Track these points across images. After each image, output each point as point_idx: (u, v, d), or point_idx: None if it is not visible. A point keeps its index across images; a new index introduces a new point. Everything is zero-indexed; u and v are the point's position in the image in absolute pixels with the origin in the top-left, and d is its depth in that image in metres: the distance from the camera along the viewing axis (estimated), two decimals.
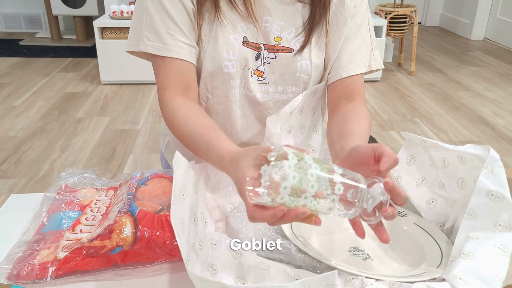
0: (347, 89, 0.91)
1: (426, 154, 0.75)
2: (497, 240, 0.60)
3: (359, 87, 0.92)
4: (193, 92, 0.87)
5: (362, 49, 0.92)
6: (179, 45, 0.84)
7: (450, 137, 2.69)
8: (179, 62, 0.85)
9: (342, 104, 0.90)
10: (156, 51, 0.84)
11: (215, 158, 0.68)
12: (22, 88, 3.33)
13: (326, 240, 0.71)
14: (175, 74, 0.85)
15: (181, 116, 0.81)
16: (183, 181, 0.63)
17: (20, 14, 4.91)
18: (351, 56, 0.91)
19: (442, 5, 5.61)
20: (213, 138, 0.72)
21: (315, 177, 0.53)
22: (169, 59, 0.85)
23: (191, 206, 0.65)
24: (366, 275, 0.58)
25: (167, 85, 0.85)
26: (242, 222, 0.70)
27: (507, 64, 4.08)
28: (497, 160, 0.63)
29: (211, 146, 0.71)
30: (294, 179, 0.52)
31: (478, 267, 0.57)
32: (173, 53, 0.84)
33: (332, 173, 0.55)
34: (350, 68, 0.91)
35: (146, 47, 0.85)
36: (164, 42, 0.84)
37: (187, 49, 0.85)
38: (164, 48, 0.84)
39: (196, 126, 0.78)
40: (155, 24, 0.84)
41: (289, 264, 0.64)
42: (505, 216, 0.61)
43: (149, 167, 2.27)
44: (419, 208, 0.76)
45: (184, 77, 0.86)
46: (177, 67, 0.85)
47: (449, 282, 0.57)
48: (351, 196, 0.56)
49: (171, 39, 0.84)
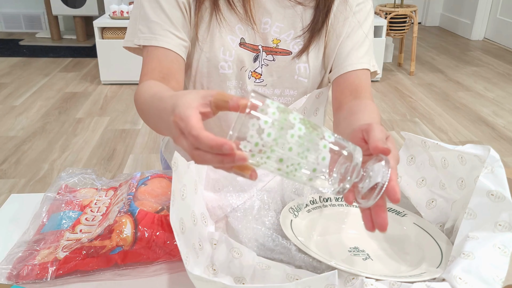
0: (353, 85, 0.88)
1: (426, 154, 0.75)
2: (497, 240, 0.60)
3: (365, 83, 0.89)
4: (174, 83, 0.83)
5: (363, 45, 0.90)
6: (167, 35, 0.83)
7: (450, 137, 2.69)
8: (162, 50, 0.83)
9: (347, 101, 0.87)
10: (146, 42, 0.84)
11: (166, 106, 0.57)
12: (22, 88, 3.33)
13: (326, 240, 0.71)
14: (156, 62, 0.83)
15: (144, 88, 0.77)
16: (182, 181, 0.63)
17: (20, 14, 4.91)
18: (352, 51, 0.89)
19: (442, 5, 5.60)
20: (165, 92, 0.65)
21: (295, 138, 0.47)
22: (154, 47, 0.83)
23: (190, 206, 0.65)
24: (366, 275, 0.58)
25: (145, 73, 0.83)
26: (242, 222, 0.70)
27: (507, 64, 4.08)
28: (497, 160, 0.63)
29: (161, 98, 0.63)
30: (269, 136, 0.46)
31: (478, 267, 0.57)
32: (160, 42, 0.83)
33: (321, 139, 0.50)
34: (352, 62, 0.88)
35: (138, 39, 0.85)
36: (153, 32, 0.83)
37: (175, 40, 0.84)
38: (153, 38, 0.83)
39: (156, 92, 0.71)
40: (147, 17, 0.84)
41: (289, 264, 0.64)
42: (505, 216, 0.61)
43: (149, 167, 2.27)
44: (419, 208, 0.76)
45: (164, 66, 0.83)
46: (159, 56, 0.83)
47: (449, 282, 0.57)
48: (338, 169, 0.50)
49: (161, 29, 0.83)
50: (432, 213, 0.75)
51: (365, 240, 0.72)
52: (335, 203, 0.77)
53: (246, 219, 0.70)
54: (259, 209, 0.73)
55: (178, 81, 0.85)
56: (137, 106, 0.79)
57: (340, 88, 0.89)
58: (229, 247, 0.63)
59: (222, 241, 0.64)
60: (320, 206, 0.76)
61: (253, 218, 0.71)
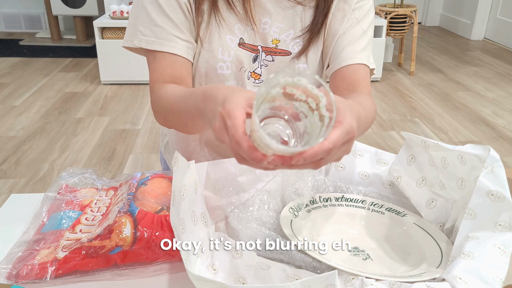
0: (349, 79, 0.86)
1: (426, 154, 0.75)
2: (497, 240, 0.60)
3: (363, 78, 0.87)
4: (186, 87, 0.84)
5: (360, 41, 0.89)
6: (173, 39, 0.83)
7: (450, 137, 2.69)
8: (171, 56, 0.83)
9: (343, 95, 0.84)
10: (150, 46, 0.83)
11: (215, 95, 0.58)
12: (22, 88, 3.33)
13: (326, 239, 0.71)
14: (165, 68, 0.83)
15: (168, 91, 0.78)
16: (182, 181, 0.63)
17: (20, 14, 4.91)
18: (348, 45, 0.87)
19: (442, 5, 5.61)
20: (208, 87, 0.64)
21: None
22: (161, 53, 0.83)
23: (190, 206, 0.64)
24: (366, 275, 0.58)
25: (156, 79, 0.84)
26: (242, 222, 0.69)
27: (507, 64, 4.08)
28: (497, 160, 0.63)
29: (203, 91, 0.63)
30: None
31: (478, 267, 0.57)
32: (166, 47, 0.83)
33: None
34: (348, 57, 0.87)
35: (140, 42, 0.84)
36: (158, 37, 0.83)
37: (181, 43, 0.84)
38: (158, 42, 0.83)
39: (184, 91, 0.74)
40: (149, 19, 0.83)
41: (289, 264, 0.64)
42: (505, 216, 0.61)
43: (149, 167, 2.27)
44: (419, 208, 0.76)
45: (176, 71, 0.84)
46: (169, 62, 0.83)
47: (449, 282, 0.57)
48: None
49: (165, 33, 0.83)
50: (432, 213, 0.75)
51: (365, 240, 0.72)
52: (335, 203, 0.77)
53: (246, 219, 0.70)
54: (259, 209, 0.73)
55: (189, 86, 0.86)
56: (161, 107, 0.81)
57: (337, 83, 0.88)
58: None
59: (223, 241, 0.64)
60: (320, 206, 0.76)
61: (253, 218, 0.71)
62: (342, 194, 0.78)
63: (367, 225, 0.75)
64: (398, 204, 0.78)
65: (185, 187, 0.63)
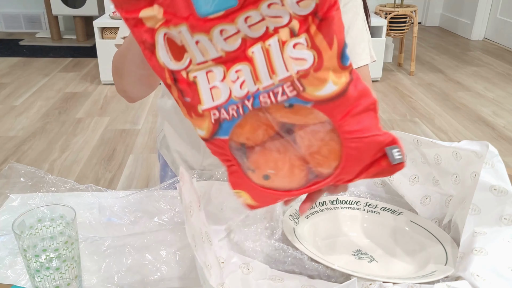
0: None
1: (418, 151, 0.75)
2: (506, 233, 0.60)
3: (366, 76, 0.89)
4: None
5: (360, 42, 0.90)
6: None
7: (450, 137, 2.69)
8: None
9: None
10: None
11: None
12: (22, 88, 3.33)
13: (328, 244, 0.71)
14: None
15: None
16: (189, 197, 0.62)
17: (20, 14, 4.91)
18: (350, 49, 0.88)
19: (442, 5, 5.61)
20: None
21: None
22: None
23: (198, 223, 0.63)
24: (383, 279, 0.57)
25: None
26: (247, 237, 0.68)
27: (507, 64, 4.08)
28: (496, 155, 0.63)
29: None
30: None
31: (493, 262, 0.57)
32: None
33: None
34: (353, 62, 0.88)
35: None
36: None
37: None
38: None
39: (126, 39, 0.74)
40: None
41: (301, 274, 0.62)
42: (509, 210, 0.61)
43: (149, 167, 2.27)
44: (414, 205, 0.76)
45: None
46: None
47: (467, 280, 0.56)
48: None
49: None
50: (427, 210, 0.74)
51: (365, 241, 0.72)
52: (331, 207, 0.77)
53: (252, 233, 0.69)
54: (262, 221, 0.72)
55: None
56: (113, 64, 0.79)
57: None
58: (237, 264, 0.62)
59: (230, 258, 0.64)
60: (317, 211, 0.76)
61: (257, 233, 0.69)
62: (336, 197, 0.78)
63: (364, 226, 0.75)
64: (391, 202, 0.78)
65: (192, 204, 0.62)
